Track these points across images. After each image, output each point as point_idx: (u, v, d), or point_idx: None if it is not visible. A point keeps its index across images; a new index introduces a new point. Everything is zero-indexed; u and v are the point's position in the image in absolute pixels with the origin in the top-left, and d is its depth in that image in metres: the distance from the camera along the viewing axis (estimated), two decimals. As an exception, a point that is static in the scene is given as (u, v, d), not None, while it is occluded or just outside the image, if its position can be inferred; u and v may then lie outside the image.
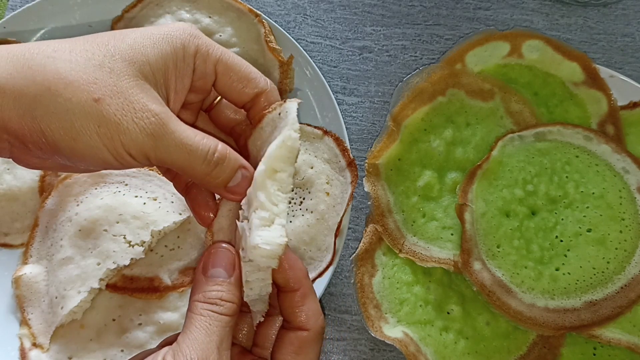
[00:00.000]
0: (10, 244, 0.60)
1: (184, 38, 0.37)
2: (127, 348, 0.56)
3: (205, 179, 0.36)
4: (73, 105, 0.33)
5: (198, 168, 0.36)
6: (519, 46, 0.64)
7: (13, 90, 0.32)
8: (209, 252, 0.37)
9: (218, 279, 0.36)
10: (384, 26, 0.69)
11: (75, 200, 0.58)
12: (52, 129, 0.33)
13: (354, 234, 0.63)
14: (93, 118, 0.33)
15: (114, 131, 0.33)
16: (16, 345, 0.56)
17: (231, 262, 0.37)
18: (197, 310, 0.35)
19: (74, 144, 0.33)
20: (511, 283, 0.56)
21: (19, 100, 0.32)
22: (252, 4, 0.67)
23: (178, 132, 0.35)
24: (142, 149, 0.34)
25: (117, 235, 0.56)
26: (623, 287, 0.55)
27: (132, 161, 0.35)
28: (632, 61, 0.68)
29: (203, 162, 0.36)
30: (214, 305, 0.35)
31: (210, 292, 0.35)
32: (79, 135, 0.33)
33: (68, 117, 0.33)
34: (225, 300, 0.35)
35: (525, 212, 0.58)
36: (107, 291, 0.57)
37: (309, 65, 0.63)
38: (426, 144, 0.61)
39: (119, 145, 0.34)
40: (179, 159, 0.35)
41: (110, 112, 0.33)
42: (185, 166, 0.35)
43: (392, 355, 0.60)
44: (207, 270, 0.36)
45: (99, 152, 0.34)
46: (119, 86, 0.34)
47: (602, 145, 0.60)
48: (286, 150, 0.35)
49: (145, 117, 0.34)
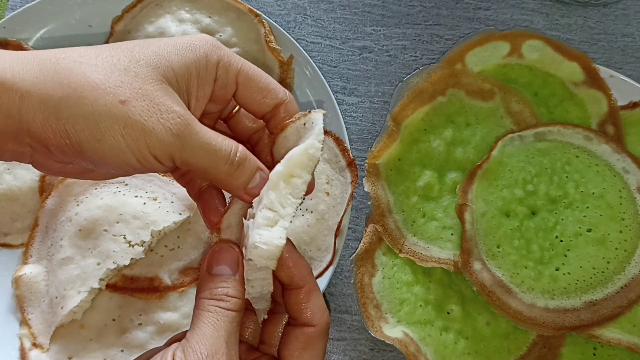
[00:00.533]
0: (10, 244, 0.60)
1: (207, 48, 0.38)
2: (127, 348, 0.56)
3: (227, 180, 0.37)
4: (99, 107, 0.33)
5: (221, 169, 0.36)
6: (519, 46, 0.64)
7: (39, 93, 0.33)
8: (213, 250, 0.38)
9: (223, 276, 0.36)
10: (384, 26, 0.69)
11: (75, 200, 0.58)
12: (77, 130, 0.33)
13: (354, 234, 0.63)
14: (119, 120, 0.33)
15: (140, 132, 0.34)
16: (16, 345, 0.56)
17: (235, 260, 0.37)
18: (204, 307, 0.35)
19: (98, 145, 0.33)
20: (511, 283, 0.56)
21: (45, 103, 0.33)
22: (252, 4, 0.67)
23: (202, 132, 0.36)
24: (168, 149, 0.34)
25: (117, 235, 0.56)
26: (623, 287, 0.55)
27: (156, 163, 0.35)
28: (632, 61, 0.68)
29: (226, 163, 0.36)
30: (220, 302, 0.35)
31: (216, 288, 0.36)
32: (104, 137, 0.33)
33: (94, 118, 0.33)
34: (231, 296, 0.36)
35: (525, 212, 0.58)
36: (107, 291, 0.57)
37: (309, 65, 0.63)
38: (426, 144, 0.61)
39: (144, 146, 0.34)
40: (203, 160, 0.36)
41: (136, 114, 0.34)
42: (209, 167, 0.36)
43: (392, 355, 0.60)
44: (212, 268, 0.37)
45: (122, 154, 0.34)
46: (144, 89, 0.34)
47: (602, 145, 0.60)
48: (307, 157, 0.36)
49: (170, 117, 0.34)
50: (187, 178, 0.42)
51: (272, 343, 0.40)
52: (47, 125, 0.33)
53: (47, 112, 0.33)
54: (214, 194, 0.41)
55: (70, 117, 0.33)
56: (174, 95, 0.36)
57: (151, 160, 0.35)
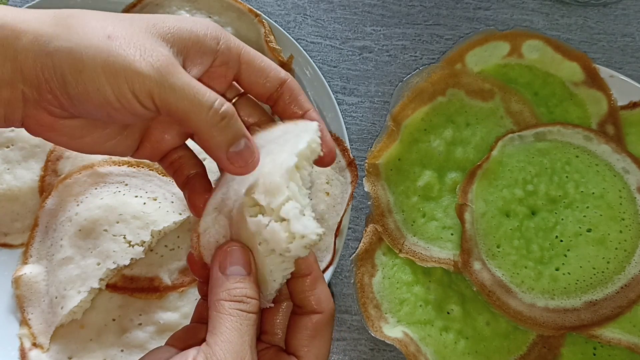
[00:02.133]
0: (10, 244, 0.60)
1: (209, 24, 0.38)
2: (127, 348, 0.56)
3: (209, 132, 0.35)
4: (86, 40, 0.34)
5: (204, 116, 0.35)
6: (519, 46, 0.64)
7: (35, 30, 0.34)
8: (224, 251, 0.36)
9: (239, 276, 0.35)
10: (384, 26, 0.69)
11: (75, 200, 0.58)
12: (62, 63, 0.33)
13: (354, 234, 0.63)
14: (102, 52, 0.33)
15: (120, 66, 0.33)
16: (16, 345, 0.56)
17: (248, 260, 0.36)
18: (226, 310, 0.34)
19: (79, 77, 0.33)
20: (511, 283, 0.56)
21: (38, 39, 0.33)
22: (252, 4, 0.67)
23: (186, 75, 0.35)
24: (147, 85, 0.33)
25: (117, 235, 0.56)
26: (623, 287, 0.55)
27: (134, 102, 0.34)
28: (632, 61, 0.68)
29: (209, 110, 0.35)
30: (241, 304, 0.35)
31: (235, 289, 0.35)
32: (85, 69, 0.33)
33: (79, 50, 0.33)
34: (250, 297, 0.35)
35: (525, 212, 0.58)
36: (107, 291, 0.57)
37: (309, 65, 0.63)
38: (426, 144, 0.61)
39: (122, 81, 0.33)
40: (184, 102, 0.34)
41: (120, 48, 0.34)
42: (191, 111, 0.34)
43: (392, 355, 0.60)
44: (226, 268, 0.36)
45: (102, 89, 0.33)
46: (135, 33, 0.35)
47: (602, 145, 0.60)
48: (310, 151, 0.36)
49: (154, 54, 0.34)
50: (175, 166, 0.41)
51: (274, 332, 0.40)
52: (38, 61, 0.33)
53: (39, 47, 0.33)
54: (201, 181, 0.41)
55: (58, 50, 0.33)
56: (163, 45, 0.35)
57: (129, 97, 0.34)
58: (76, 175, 0.59)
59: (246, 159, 0.36)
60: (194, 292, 0.58)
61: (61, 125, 0.36)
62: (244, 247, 0.37)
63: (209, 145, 0.36)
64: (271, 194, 0.35)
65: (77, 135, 0.37)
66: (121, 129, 0.39)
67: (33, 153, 0.61)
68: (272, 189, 0.35)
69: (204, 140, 0.36)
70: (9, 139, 0.61)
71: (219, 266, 0.36)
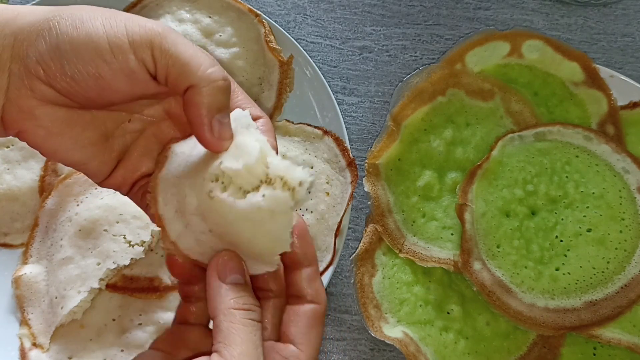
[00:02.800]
0: (10, 244, 0.60)
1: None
2: (127, 348, 0.56)
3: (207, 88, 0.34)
4: (90, 8, 0.34)
5: (205, 68, 0.34)
6: (519, 46, 0.64)
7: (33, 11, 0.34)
8: (222, 259, 0.36)
9: (240, 285, 0.35)
10: (384, 26, 0.69)
11: (75, 200, 0.58)
12: (60, 23, 0.33)
13: (354, 234, 0.63)
14: (103, 14, 0.34)
15: (120, 20, 0.34)
16: (16, 345, 0.56)
17: (242, 268, 0.36)
18: (238, 320, 0.34)
19: (75, 33, 0.33)
20: (511, 283, 0.56)
21: (36, 14, 0.34)
22: (252, 4, 0.67)
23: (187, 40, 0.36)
24: (148, 35, 0.33)
25: (117, 235, 0.56)
26: (623, 287, 0.55)
27: (132, 56, 0.33)
28: (632, 61, 0.68)
29: (210, 67, 0.34)
30: (251, 312, 0.34)
31: (242, 297, 0.35)
32: (83, 24, 0.33)
33: (80, 14, 0.34)
34: (255, 304, 0.35)
35: (525, 212, 0.58)
36: (107, 291, 0.57)
37: (309, 65, 0.63)
38: (426, 144, 0.61)
39: (122, 31, 0.33)
40: (187, 52, 0.34)
41: (124, 14, 0.34)
42: (193, 61, 0.34)
43: (392, 355, 0.60)
44: (226, 277, 0.35)
45: (98, 42, 0.33)
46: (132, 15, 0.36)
47: (602, 145, 0.60)
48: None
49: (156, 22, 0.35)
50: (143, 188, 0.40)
51: (264, 326, 0.39)
52: (33, 29, 0.33)
53: (38, 17, 0.34)
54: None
55: (57, 15, 0.33)
56: None
57: (126, 49, 0.33)
58: (76, 175, 0.59)
59: (226, 133, 0.35)
60: (194, 292, 0.58)
61: (42, 112, 0.34)
62: (237, 255, 0.36)
63: (199, 102, 0.34)
64: (243, 154, 0.33)
65: (56, 129, 0.35)
66: (101, 138, 0.38)
67: (33, 153, 0.61)
68: (241, 151, 0.34)
69: (195, 95, 0.34)
70: (9, 139, 0.61)
71: (218, 275, 0.35)
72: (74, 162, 0.37)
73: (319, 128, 0.62)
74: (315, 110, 0.63)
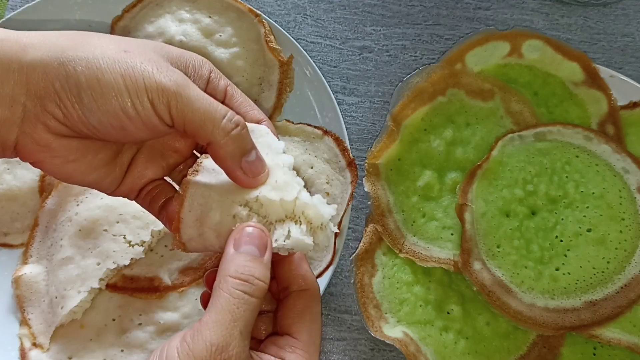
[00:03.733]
0: (10, 244, 0.60)
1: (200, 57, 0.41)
2: (127, 348, 0.56)
3: (225, 141, 0.36)
4: (103, 51, 0.35)
5: (218, 124, 0.36)
6: (519, 46, 0.64)
7: (44, 43, 0.34)
8: (242, 229, 0.36)
9: (250, 255, 0.35)
10: (384, 26, 0.69)
11: (75, 200, 0.58)
12: (78, 70, 0.34)
13: (354, 234, 0.63)
14: (121, 63, 0.34)
15: (139, 75, 0.34)
16: (16, 345, 0.56)
17: (264, 243, 0.36)
18: (227, 288, 0.33)
19: (97, 84, 0.34)
20: (511, 283, 0.56)
21: (49, 50, 0.34)
22: (252, 4, 0.67)
23: (198, 89, 0.36)
24: (165, 95, 0.34)
25: (117, 235, 0.56)
26: (623, 287, 0.55)
27: (151, 111, 0.35)
28: (632, 61, 0.68)
29: (223, 119, 0.36)
30: (246, 284, 0.34)
31: (244, 267, 0.34)
32: (104, 76, 0.34)
33: (96, 59, 0.34)
34: (258, 278, 0.34)
35: (525, 212, 0.58)
36: (107, 291, 0.57)
37: (309, 65, 0.63)
38: (426, 144, 0.61)
39: (142, 88, 0.34)
40: (200, 112, 0.35)
41: (138, 62, 0.35)
42: (207, 120, 0.35)
43: (392, 355, 0.60)
44: (240, 246, 0.35)
45: (119, 96, 0.34)
46: (147, 51, 0.36)
47: (602, 145, 0.60)
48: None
49: (169, 71, 0.36)
50: (151, 195, 0.42)
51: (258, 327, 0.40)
52: (49, 71, 0.33)
53: (50, 57, 0.34)
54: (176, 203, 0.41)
55: (73, 59, 0.34)
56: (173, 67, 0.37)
57: (147, 106, 0.34)
58: (76, 175, 0.59)
59: (258, 169, 0.37)
60: (194, 292, 0.58)
61: (58, 144, 0.36)
62: (264, 229, 0.36)
63: (223, 154, 0.37)
64: (282, 190, 0.36)
65: (72, 157, 0.37)
66: (113, 157, 0.39)
67: (33, 153, 0.61)
68: (281, 186, 0.36)
69: (218, 149, 0.37)
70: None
71: (234, 243, 0.36)
72: (89, 183, 0.39)
73: (319, 128, 0.62)
74: (315, 110, 0.63)
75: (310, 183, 0.60)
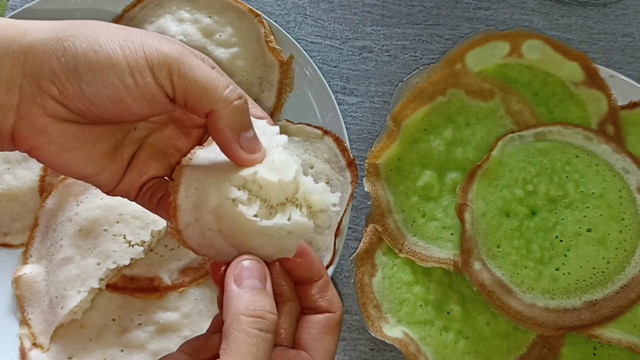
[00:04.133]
0: (10, 244, 0.60)
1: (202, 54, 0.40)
2: (127, 348, 0.56)
3: (227, 111, 0.35)
4: (102, 28, 0.34)
5: (221, 92, 0.35)
6: (519, 46, 0.64)
7: (44, 26, 0.34)
8: (238, 265, 0.36)
9: (255, 289, 0.35)
10: (384, 26, 0.69)
11: (75, 200, 0.58)
12: (76, 45, 0.33)
13: (354, 234, 0.63)
14: (119, 36, 0.34)
15: (138, 45, 0.34)
16: (16, 345, 0.56)
17: (263, 274, 0.36)
18: (242, 329, 0.33)
19: (94, 56, 0.33)
20: (511, 283, 0.56)
21: (48, 32, 0.33)
22: (252, 4, 0.67)
23: (200, 61, 0.36)
24: (166, 61, 0.34)
25: (117, 235, 0.56)
26: (623, 287, 0.55)
27: (151, 80, 0.34)
28: (632, 61, 0.68)
29: (226, 88, 0.35)
30: (260, 320, 0.33)
31: (254, 302, 0.34)
32: (102, 47, 0.33)
33: (94, 34, 0.33)
34: (269, 311, 0.34)
35: (525, 212, 0.58)
36: (107, 291, 0.57)
37: (309, 65, 0.63)
38: (426, 144, 0.61)
39: (141, 56, 0.33)
40: (202, 77, 0.34)
41: (137, 34, 0.34)
42: (209, 87, 0.34)
43: (392, 355, 0.60)
44: (242, 281, 0.35)
45: (118, 66, 0.33)
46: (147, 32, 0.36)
47: (602, 145, 0.60)
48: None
49: (170, 42, 0.35)
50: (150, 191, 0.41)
51: (278, 332, 0.39)
52: (45, 48, 0.33)
53: (49, 36, 0.33)
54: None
55: (71, 35, 0.33)
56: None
57: (146, 74, 0.33)
58: (76, 175, 0.59)
59: (256, 147, 0.36)
60: (194, 292, 0.58)
61: (54, 129, 0.35)
62: (260, 261, 0.36)
63: (223, 125, 0.35)
64: (280, 170, 0.35)
65: (69, 145, 0.36)
66: (112, 149, 0.38)
67: (33, 153, 0.61)
68: (279, 167, 0.35)
69: (218, 119, 0.35)
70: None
71: (234, 279, 0.35)
72: (86, 176, 0.38)
73: (319, 128, 0.62)
74: (315, 110, 0.63)
75: (310, 183, 0.60)
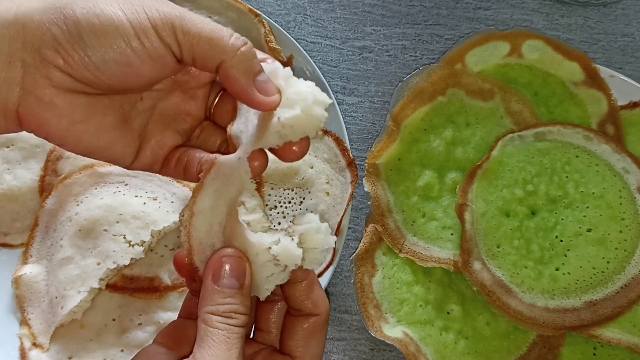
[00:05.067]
0: (10, 244, 0.60)
1: None
2: (127, 348, 0.56)
3: (236, 58, 0.35)
4: None
5: (228, 41, 0.34)
6: (519, 46, 0.64)
7: None
8: (219, 259, 0.36)
9: (230, 290, 0.35)
10: (384, 26, 0.69)
11: (75, 200, 0.58)
12: (75, 10, 0.32)
13: (354, 234, 0.63)
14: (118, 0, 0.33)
15: (139, 6, 0.33)
16: (16, 345, 0.56)
17: (243, 272, 0.36)
18: (213, 324, 0.34)
19: (96, 19, 0.32)
20: (511, 283, 0.56)
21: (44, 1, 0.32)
22: (252, 4, 0.67)
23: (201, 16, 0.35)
24: (168, 18, 0.33)
25: (117, 235, 0.56)
26: (623, 287, 0.55)
27: (156, 39, 0.33)
28: (632, 61, 0.68)
29: (231, 37, 0.35)
30: (229, 319, 0.34)
31: (225, 305, 0.35)
32: (102, 11, 0.32)
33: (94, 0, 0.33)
34: (239, 313, 0.35)
35: (525, 212, 0.58)
36: (107, 291, 0.57)
37: (309, 65, 0.63)
38: (426, 143, 0.61)
39: (143, 16, 0.33)
40: (207, 29, 0.34)
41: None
42: (215, 37, 0.34)
43: (392, 355, 0.60)
44: (219, 279, 0.35)
45: (120, 26, 0.32)
46: None
47: (602, 145, 0.60)
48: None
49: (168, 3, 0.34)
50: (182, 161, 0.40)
51: (269, 330, 0.40)
52: (44, 17, 0.32)
53: (46, 4, 0.32)
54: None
55: (68, 2, 0.32)
56: None
57: (151, 34, 0.33)
58: (76, 175, 0.59)
59: (272, 90, 0.35)
60: (194, 292, 0.58)
61: (62, 100, 0.33)
62: (241, 256, 0.36)
63: (236, 73, 0.35)
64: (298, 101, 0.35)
65: (78, 117, 0.34)
66: (122, 120, 0.37)
67: (33, 153, 0.61)
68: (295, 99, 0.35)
69: (230, 69, 0.35)
70: (9, 139, 0.61)
71: (212, 276, 0.35)
72: (99, 149, 0.37)
73: (319, 128, 0.62)
74: (315, 110, 0.63)
75: (310, 183, 0.60)
